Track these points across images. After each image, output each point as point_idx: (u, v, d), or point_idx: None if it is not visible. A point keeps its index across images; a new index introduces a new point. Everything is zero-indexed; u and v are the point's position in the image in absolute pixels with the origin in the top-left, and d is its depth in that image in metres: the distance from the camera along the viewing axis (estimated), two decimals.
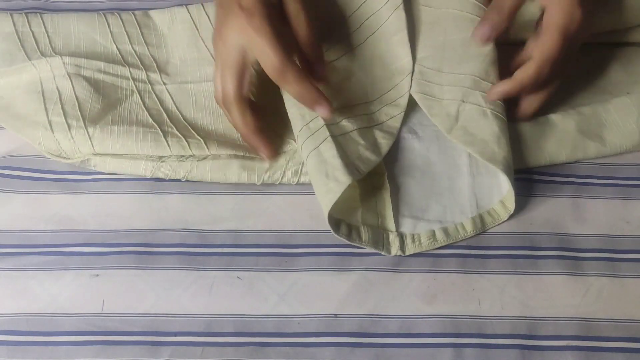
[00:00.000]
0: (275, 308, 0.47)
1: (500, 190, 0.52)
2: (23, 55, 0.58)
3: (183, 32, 0.61)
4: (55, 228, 0.51)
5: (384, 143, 0.52)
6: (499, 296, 0.48)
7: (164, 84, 0.58)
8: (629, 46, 0.60)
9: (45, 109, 0.54)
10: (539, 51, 0.48)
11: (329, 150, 0.49)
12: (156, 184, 0.53)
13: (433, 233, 0.50)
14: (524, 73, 0.49)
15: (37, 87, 0.55)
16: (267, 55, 0.45)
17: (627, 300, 0.48)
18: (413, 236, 0.50)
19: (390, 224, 0.51)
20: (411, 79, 0.54)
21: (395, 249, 0.49)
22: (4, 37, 0.59)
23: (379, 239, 0.50)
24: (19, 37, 0.59)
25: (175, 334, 0.46)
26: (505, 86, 0.50)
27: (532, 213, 0.52)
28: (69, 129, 0.53)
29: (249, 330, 0.46)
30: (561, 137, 0.54)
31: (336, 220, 0.49)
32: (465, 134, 0.51)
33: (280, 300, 0.48)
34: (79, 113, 0.53)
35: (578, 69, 0.53)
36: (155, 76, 0.58)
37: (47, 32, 0.60)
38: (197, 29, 0.61)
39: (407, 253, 0.49)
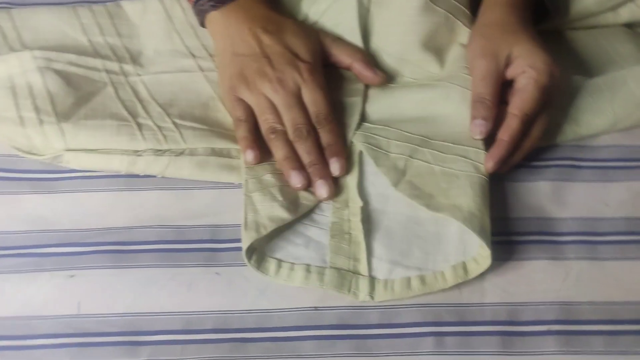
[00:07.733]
0: (255, 303, 0.47)
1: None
2: None
3: (156, 24, 0.60)
4: (28, 228, 0.50)
5: (304, 205, 0.49)
6: (480, 283, 0.48)
7: (138, 75, 0.57)
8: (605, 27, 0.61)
9: (16, 104, 0.53)
10: (519, 106, 0.51)
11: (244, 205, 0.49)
12: (131, 180, 0.52)
13: (408, 281, 0.47)
14: (510, 130, 0.50)
15: (6, 82, 0.54)
16: (320, 105, 0.52)
17: (606, 282, 0.48)
18: (386, 282, 0.47)
19: (363, 268, 0.48)
20: (354, 133, 0.53)
21: (363, 295, 0.47)
22: None
23: (344, 283, 0.47)
24: None
25: (154, 333, 0.45)
26: (500, 150, 0.50)
27: (511, 198, 0.52)
28: (41, 124, 0.52)
29: (229, 326, 0.46)
30: None
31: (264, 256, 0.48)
32: (411, 187, 0.50)
33: (259, 294, 0.47)
34: (51, 108, 0.52)
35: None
36: (128, 67, 0.57)
37: (15, 26, 0.59)
38: (171, 21, 0.60)
39: (377, 300, 0.47)
